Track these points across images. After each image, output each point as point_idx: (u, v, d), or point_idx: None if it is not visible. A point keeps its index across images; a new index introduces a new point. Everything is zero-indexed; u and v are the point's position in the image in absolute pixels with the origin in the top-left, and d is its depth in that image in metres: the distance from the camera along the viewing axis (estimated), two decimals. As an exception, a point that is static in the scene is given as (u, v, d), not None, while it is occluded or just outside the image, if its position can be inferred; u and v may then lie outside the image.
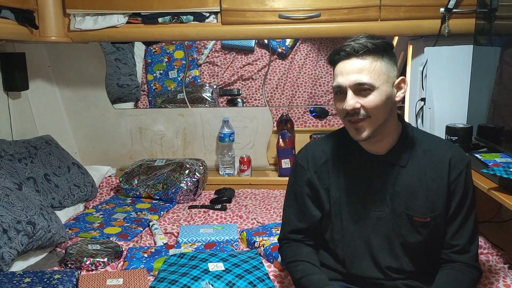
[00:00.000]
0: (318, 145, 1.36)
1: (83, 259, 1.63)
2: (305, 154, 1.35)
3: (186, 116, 2.71)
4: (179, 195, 2.34)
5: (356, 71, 1.18)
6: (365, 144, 1.28)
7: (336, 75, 1.21)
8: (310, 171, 1.32)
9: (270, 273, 1.57)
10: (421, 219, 1.24)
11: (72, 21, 2.16)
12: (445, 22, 1.99)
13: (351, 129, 1.23)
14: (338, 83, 1.20)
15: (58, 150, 2.37)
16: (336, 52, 1.22)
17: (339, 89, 1.21)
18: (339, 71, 1.20)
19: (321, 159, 1.32)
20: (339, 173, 1.30)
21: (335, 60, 1.22)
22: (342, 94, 1.21)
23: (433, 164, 1.25)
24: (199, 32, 2.15)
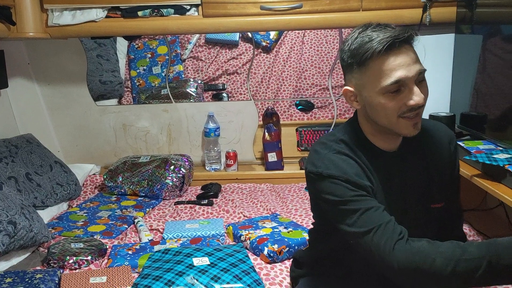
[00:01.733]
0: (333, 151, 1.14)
1: (66, 258, 1.61)
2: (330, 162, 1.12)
3: (171, 111, 2.68)
4: (165, 192, 2.31)
5: (414, 61, 1.04)
6: (384, 142, 1.16)
7: (391, 69, 1.03)
8: (349, 175, 1.10)
9: (256, 266, 1.56)
10: (437, 205, 1.20)
11: (50, 16, 2.12)
12: (426, 11, 1.99)
13: (408, 125, 1.07)
14: (399, 78, 1.02)
15: (40, 149, 2.33)
16: (384, 42, 1.02)
17: (398, 85, 1.04)
18: (396, 64, 1.03)
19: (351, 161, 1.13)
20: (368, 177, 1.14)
21: (385, 51, 1.02)
22: (398, 91, 1.04)
23: (434, 147, 1.20)
24: (180, 26, 2.12)
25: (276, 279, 1.50)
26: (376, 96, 1.07)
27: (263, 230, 1.76)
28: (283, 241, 1.65)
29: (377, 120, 1.11)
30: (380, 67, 1.04)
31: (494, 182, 1.45)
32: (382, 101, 1.06)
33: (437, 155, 1.20)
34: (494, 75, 1.76)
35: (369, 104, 1.10)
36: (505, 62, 1.70)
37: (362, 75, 1.08)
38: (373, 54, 1.03)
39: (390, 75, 1.03)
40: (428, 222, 1.21)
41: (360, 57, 1.06)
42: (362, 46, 1.05)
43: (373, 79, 1.05)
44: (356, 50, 1.06)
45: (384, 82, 1.04)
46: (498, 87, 1.72)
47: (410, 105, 1.05)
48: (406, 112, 1.06)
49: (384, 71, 1.04)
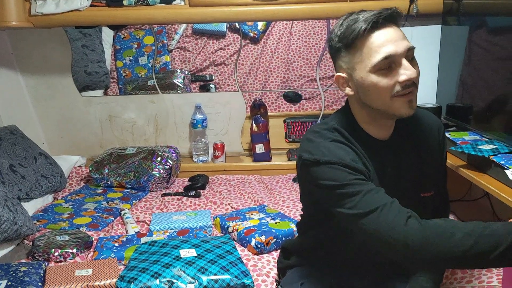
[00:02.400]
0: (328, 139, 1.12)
1: (51, 251, 1.59)
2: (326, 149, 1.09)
3: (157, 103, 2.65)
4: (152, 183, 2.30)
5: (402, 38, 1.04)
6: (378, 130, 1.15)
7: (379, 46, 1.02)
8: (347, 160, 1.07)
9: (243, 257, 1.56)
10: (427, 193, 1.20)
11: (33, 5, 2.08)
12: (413, 2, 2.00)
13: (404, 104, 1.05)
14: (390, 53, 1.01)
15: (24, 140, 2.29)
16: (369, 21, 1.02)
17: (388, 61, 1.03)
18: (385, 40, 1.02)
19: (347, 148, 1.11)
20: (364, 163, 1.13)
21: (371, 29, 1.03)
22: (388, 69, 1.03)
23: (425, 135, 1.21)
24: (167, 15, 2.10)
25: (263, 270, 1.51)
26: (367, 76, 1.05)
27: (251, 222, 1.76)
28: (270, 232, 1.65)
29: (371, 103, 1.09)
30: (368, 45, 1.04)
31: (479, 172, 1.47)
32: (374, 80, 1.05)
33: (427, 143, 1.20)
34: (479, 67, 1.77)
35: (361, 87, 1.08)
36: (490, 54, 1.71)
37: (351, 57, 1.07)
38: (359, 33, 1.03)
39: (379, 51, 1.02)
40: (419, 211, 1.20)
41: (347, 39, 1.05)
42: (348, 28, 1.05)
43: (363, 59, 1.05)
44: (343, 34, 1.06)
45: (374, 59, 1.03)
46: (483, 78, 1.73)
47: (403, 81, 1.03)
48: (400, 91, 1.04)
49: (372, 48, 1.03)
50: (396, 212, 0.99)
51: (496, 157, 1.39)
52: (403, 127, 1.16)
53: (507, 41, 1.58)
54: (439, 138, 1.22)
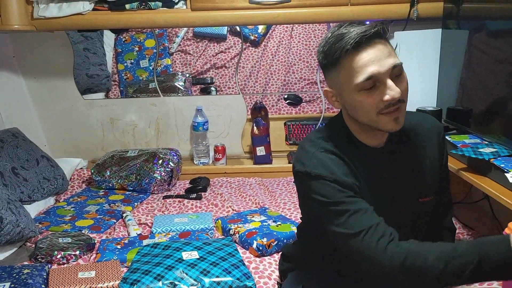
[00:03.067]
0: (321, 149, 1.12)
1: (54, 253, 1.60)
2: (317, 161, 1.10)
3: (159, 105, 2.67)
4: (153, 186, 2.31)
5: (387, 56, 1.03)
6: (370, 138, 1.15)
7: (363, 66, 1.02)
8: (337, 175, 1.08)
9: (245, 259, 1.57)
10: (425, 199, 1.20)
11: (36, 9, 2.09)
12: (414, 6, 2.01)
13: (389, 121, 1.06)
14: (372, 74, 1.01)
15: (26, 143, 2.30)
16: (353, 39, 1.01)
17: (372, 81, 1.02)
18: (367, 60, 1.01)
19: (339, 161, 1.11)
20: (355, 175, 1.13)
21: (354, 49, 1.02)
22: (373, 88, 1.03)
23: (421, 140, 1.20)
24: (168, 19, 2.11)
25: (265, 272, 1.51)
26: (352, 94, 1.06)
27: (252, 224, 1.77)
28: (272, 234, 1.66)
29: (358, 119, 1.10)
30: (352, 64, 1.03)
31: (479, 175, 1.47)
32: (358, 98, 1.05)
33: (426, 148, 1.20)
34: (479, 70, 1.78)
35: (347, 103, 1.10)
36: (489, 58, 1.72)
37: (337, 75, 1.08)
38: (342, 52, 1.03)
39: (362, 72, 1.02)
40: (417, 216, 1.20)
41: (332, 57, 1.05)
42: (333, 46, 1.05)
43: (347, 78, 1.05)
44: (328, 51, 1.06)
45: (357, 79, 1.03)
46: (483, 82, 1.74)
47: (386, 100, 1.03)
48: (384, 109, 1.04)
49: (355, 68, 1.03)
50: (380, 235, 1.01)
51: (496, 160, 1.40)
52: (399, 133, 1.14)
53: (507, 45, 1.59)
54: (439, 142, 1.21)
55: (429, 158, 1.20)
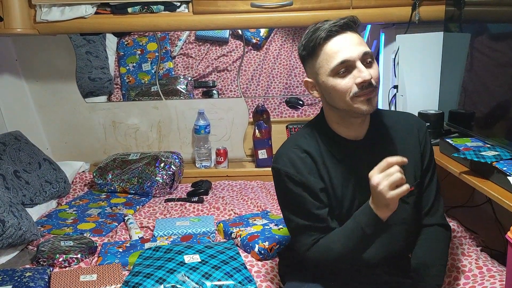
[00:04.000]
0: (295, 147, 1.24)
1: (56, 256, 1.60)
2: (288, 160, 1.23)
3: (161, 108, 2.67)
4: (155, 189, 2.31)
5: (358, 43, 1.15)
6: (348, 130, 1.23)
7: (336, 51, 1.13)
8: (302, 175, 1.21)
9: (247, 263, 1.57)
10: None
11: (38, 12, 2.10)
12: (415, 9, 2.01)
13: (363, 102, 1.15)
14: (345, 58, 1.12)
15: (28, 146, 2.31)
16: (326, 30, 1.13)
17: (345, 65, 1.13)
18: (339, 47, 1.13)
19: (308, 160, 1.22)
20: (329, 169, 1.23)
21: (327, 38, 1.14)
22: (345, 72, 1.14)
23: (402, 136, 1.28)
24: (170, 22, 2.11)
25: (267, 276, 1.51)
26: (327, 79, 1.16)
27: (254, 227, 1.77)
28: (273, 238, 1.66)
29: (335, 104, 1.19)
30: (326, 51, 1.15)
31: (481, 179, 1.47)
32: (332, 83, 1.15)
33: (407, 143, 1.28)
34: (481, 73, 1.78)
35: (324, 90, 1.19)
36: (491, 60, 1.72)
37: (314, 63, 1.18)
38: (317, 41, 1.14)
39: (335, 57, 1.13)
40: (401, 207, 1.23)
41: (310, 47, 1.17)
42: (310, 37, 1.16)
43: (323, 64, 1.16)
44: (307, 42, 1.18)
45: (332, 64, 1.14)
46: (485, 85, 1.74)
47: (358, 83, 1.13)
48: (358, 91, 1.14)
49: (330, 54, 1.14)
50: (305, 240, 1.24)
51: (499, 164, 1.40)
52: (378, 127, 1.26)
53: (509, 48, 1.59)
54: (419, 137, 1.30)
55: (410, 152, 1.26)
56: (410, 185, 1.22)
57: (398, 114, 1.36)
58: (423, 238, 1.31)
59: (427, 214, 1.32)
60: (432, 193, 1.32)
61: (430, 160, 1.31)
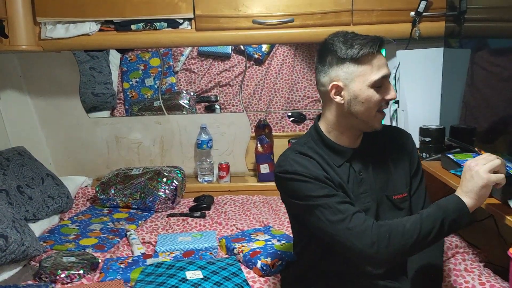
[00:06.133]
0: (296, 152, 1.27)
1: (58, 272, 1.60)
2: (293, 161, 1.25)
3: (163, 123, 2.69)
4: (157, 204, 2.31)
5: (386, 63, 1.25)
6: (346, 139, 1.30)
7: (380, 66, 1.22)
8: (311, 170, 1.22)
9: (249, 279, 1.56)
10: (399, 196, 1.33)
11: (43, 30, 2.13)
12: (415, 26, 2.03)
13: (380, 119, 1.26)
14: (386, 74, 1.22)
15: (31, 161, 2.32)
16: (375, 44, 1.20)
17: (383, 81, 1.23)
18: (380, 64, 1.22)
19: (312, 161, 1.25)
20: (334, 170, 1.27)
21: (377, 51, 1.21)
22: (380, 87, 1.23)
23: (392, 146, 1.36)
24: (173, 39, 2.14)
25: (269, 292, 1.51)
26: (366, 89, 1.21)
27: (256, 243, 1.76)
28: (276, 254, 1.66)
29: (358, 113, 1.24)
30: (372, 63, 1.21)
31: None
32: (370, 93, 1.22)
33: (397, 150, 1.36)
34: (482, 88, 1.79)
35: (355, 97, 1.23)
36: (492, 75, 1.73)
37: (354, 70, 1.21)
38: (368, 51, 1.19)
39: (378, 71, 1.21)
40: (394, 212, 1.32)
41: (355, 54, 1.20)
42: (361, 45, 1.20)
43: (365, 74, 1.21)
44: (351, 47, 1.20)
45: (375, 76, 1.21)
46: (486, 100, 1.75)
47: (388, 99, 1.24)
48: (383, 106, 1.24)
49: (374, 67, 1.21)
50: (363, 218, 1.16)
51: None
52: (371, 138, 1.32)
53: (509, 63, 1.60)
54: (408, 146, 1.38)
55: (401, 161, 1.35)
56: (402, 192, 1.32)
57: (390, 127, 1.46)
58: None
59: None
60: (421, 196, 1.38)
61: (418, 165, 1.39)
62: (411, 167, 1.37)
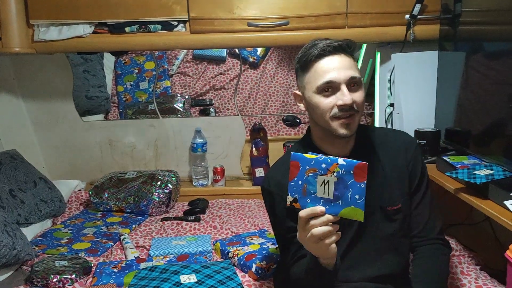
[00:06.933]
0: (280, 167, 1.31)
1: (50, 276, 1.58)
2: (272, 180, 1.30)
3: (158, 127, 2.67)
4: (151, 208, 2.29)
5: (348, 67, 1.18)
6: (332, 147, 1.27)
7: (325, 71, 1.17)
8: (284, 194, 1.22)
9: (244, 283, 1.54)
10: (393, 207, 1.28)
11: (36, 32, 2.11)
12: (410, 29, 2.03)
13: (341, 125, 1.19)
14: (330, 79, 1.17)
15: (24, 165, 2.29)
16: (320, 48, 1.18)
17: (329, 85, 1.18)
18: (328, 67, 1.17)
19: None
20: None
21: (319, 56, 1.18)
22: (329, 91, 1.18)
23: (390, 154, 1.30)
24: (168, 41, 2.13)
25: (264, 296, 1.49)
26: (313, 95, 1.20)
27: (251, 247, 1.75)
28: (271, 257, 1.64)
29: (316, 120, 1.24)
30: (316, 69, 1.19)
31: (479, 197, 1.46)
32: (317, 100, 1.20)
33: (391, 159, 1.30)
34: (477, 91, 1.79)
35: (308, 104, 1.24)
36: (487, 78, 1.73)
37: (303, 78, 1.23)
38: (310, 57, 1.19)
39: (323, 76, 1.18)
40: (385, 224, 1.27)
41: (303, 62, 1.22)
42: (305, 53, 1.21)
43: (311, 80, 1.20)
44: (301, 57, 1.23)
45: (318, 81, 1.18)
46: (481, 103, 1.75)
47: (339, 105, 1.17)
48: (337, 113, 1.18)
49: (319, 72, 1.19)
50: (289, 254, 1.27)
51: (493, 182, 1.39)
52: (364, 145, 1.29)
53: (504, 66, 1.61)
54: (406, 156, 1.30)
55: (397, 171, 1.29)
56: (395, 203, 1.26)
57: (387, 132, 1.38)
58: (421, 255, 1.30)
59: (422, 230, 1.31)
60: (425, 209, 1.31)
61: (421, 178, 1.32)
62: (411, 179, 1.30)
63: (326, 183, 1.04)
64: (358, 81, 1.19)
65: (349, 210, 1.03)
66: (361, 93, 1.20)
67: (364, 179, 1.02)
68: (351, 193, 1.02)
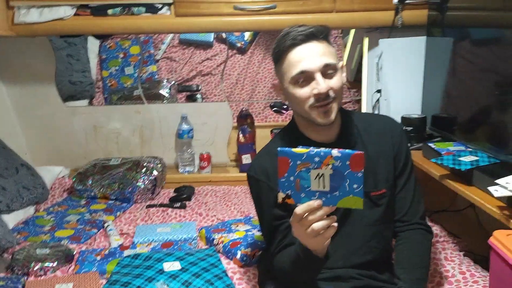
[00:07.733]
0: (266, 155, 1.29)
1: (31, 264, 1.55)
2: (258, 167, 1.28)
3: (143, 113, 2.63)
4: (136, 195, 2.26)
5: (321, 54, 1.15)
6: (317, 134, 1.25)
7: (297, 61, 1.15)
8: (270, 182, 1.24)
9: (229, 270, 1.54)
10: (377, 192, 1.27)
11: (17, 14, 2.05)
12: (398, 14, 2.01)
13: (319, 113, 1.18)
14: (304, 69, 1.15)
15: (5, 151, 2.25)
16: (291, 38, 1.15)
17: (303, 75, 1.15)
18: (300, 57, 1.15)
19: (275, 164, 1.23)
20: None
21: (291, 46, 1.16)
22: (304, 81, 1.16)
23: (374, 138, 1.29)
24: (152, 25, 2.08)
25: (249, 283, 1.48)
26: (289, 86, 1.19)
27: (236, 234, 1.74)
28: (256, 244, 1.63)
29: (296, 110, 1.23)
30: (289, 59, 1.17)
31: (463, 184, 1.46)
32: (293, 91, 1.18)
33: (376, 144, 1.28)
34: (463, 78, 1.78)
35: (287, 95, 1.22)
36: (474, 66, 1.73)
37: (280, 68, 1.21)
38: (282, 48, 1.17)
39: (296, 66, 1.15)
40: (372, 210, 1.26)
41: (276, 53, 1.20)
42: (278, 43, 1.19)
43: (285, 71, 1.18)
44: (275, 48, 1.20)
45: (292, 72, 1.16)
46: (467, 90, 1.75)
47: (314, 94, 1.15)
48: (315, 103, 1.17)
49: (292, 63, 1.16)
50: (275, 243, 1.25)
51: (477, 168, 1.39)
52: (349, 130, 1.28)
53: (490, 53, 1.60)
54: (392, 141, 1.29)
55: (382, 155, 1.28)
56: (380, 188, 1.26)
57: (373, 117, 1.38)
58: (404, 241, 1.30)
59: (405, 215, 1.31)
60: (408, 194, 1.31)
61: (405, 163, 1.31)
62: (396, 163, 1.30)
63: (321, 176, 1.00)
64: (334, 67, 1.17)
65: (348, 200, 1.00)
66: (338, 79, 1.18)
67: (361, 168, 0.98)
68: (349, 183, 0.99)
